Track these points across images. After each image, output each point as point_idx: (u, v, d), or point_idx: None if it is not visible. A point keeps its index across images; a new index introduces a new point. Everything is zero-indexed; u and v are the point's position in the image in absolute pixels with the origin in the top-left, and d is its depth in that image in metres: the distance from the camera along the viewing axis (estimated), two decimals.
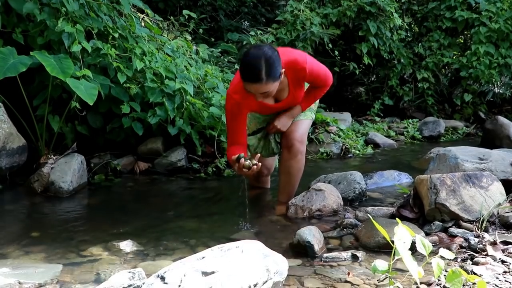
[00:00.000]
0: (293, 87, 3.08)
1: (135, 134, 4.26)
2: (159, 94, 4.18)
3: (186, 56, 4.97)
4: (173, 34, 5.84)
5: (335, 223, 2.92)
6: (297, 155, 3.25)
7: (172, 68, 4.37)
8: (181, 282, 1.55)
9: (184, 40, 5.41)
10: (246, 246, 1.72)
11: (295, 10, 7.00)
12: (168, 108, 4.15)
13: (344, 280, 2.12)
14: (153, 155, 4.38)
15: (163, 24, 5.84)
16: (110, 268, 2.28)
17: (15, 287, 2.05)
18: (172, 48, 4.88)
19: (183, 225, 2.97)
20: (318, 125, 5.53)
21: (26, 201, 3.47)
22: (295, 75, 2.99)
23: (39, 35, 3.90)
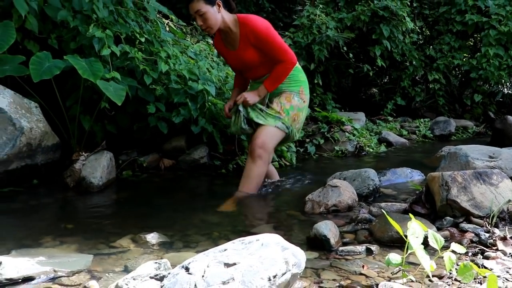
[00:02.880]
0: (242, 42, 3.35)
1: (160, 133, 4.28)
2: (183, 95, 4.20)
3: (208, 59, 4.98)
4: (196, 38, 5.86)
5: (350, 218, 2.90)
6: (256, 160, 3.34)
7: (195, 70, 4.38)
8: (205, 273, 1.55)
9: (206, 44, 5.42)
10: (266, 239, 1.72)
11: (311, 15, 6.97)
12: (191, 108, 4.17)
13: (359, 272, 2.11)
14: (177, 153, 4.40)
15: (186, 29, 5.86)
16: (137, 259, 2.29)
17: (50, 275, 2.08)
18: (195, 51, 4.89)
19: (206, 219, 2.98)
20: (334, 124, 5.51)
21: (60, 195, 3.51)
22: (243, 30, 3.31)
23: (72, 40, 3.94)
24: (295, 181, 3.97)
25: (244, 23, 3.30)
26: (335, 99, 7.28)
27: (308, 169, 4.56)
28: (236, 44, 3.40)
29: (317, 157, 5.11)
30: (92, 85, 3.78)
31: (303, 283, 1.96)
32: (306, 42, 6.84)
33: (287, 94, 3.49)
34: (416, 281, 1.93)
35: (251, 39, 3.30)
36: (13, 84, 3.75)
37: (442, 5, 7.87)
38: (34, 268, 2.08)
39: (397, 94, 7.71)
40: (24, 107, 3.56)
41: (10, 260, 2.09)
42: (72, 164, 3.67)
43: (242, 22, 3.31)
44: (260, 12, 9.26)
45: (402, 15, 7.00)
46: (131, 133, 4.38)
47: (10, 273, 2.01)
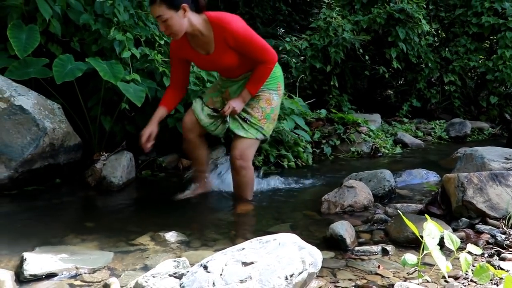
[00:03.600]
0: (218, 45, 2.97)
1: (179, 133, 4.28)
2: None
3: None
4: None
5: (366, 218, 2.89)
6: (240, 171, 3.20)
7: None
8: (223, 271, 1.56)
9: None
10: (283, 238, 1.72)
11: (328, 17, 6.95)
12: None
13: (375, 272, 2.10)
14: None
15: None
16: (156, 257, 2.30)
17: (72, 271, 2.10)
18: None
19: (223, 218, 2.99)
20: (350, 125, 5.48)
21: (81, 193, 3.54)
22: (219, 33, 2.92)
23: (94, 43, 3.98)
24: (311, 182, 3.96)
25: (220, 26, 2.91)
26: (351, 101, 7.25)
27: (324, 170, 4.54)
28: (211, 47, 3.01)
29: (333, 158, 5.09)
30: (113, 86, 3.81)
31: (319, 283, 1.96)
32: (322, 44, 6.82)
33: (266, 96, 3.21)
34: (431, 281, 1.92)
35: (230, 43, 2.93)
36: (37, 86, 3.80)
37: (458, 7, 7.78)
38: (57, 265, 2.11)
39: (413, 96, 7.64)
40: (48, 108, 3.60)
41: (34, 256, 2.12)
42: (93, 164, 3.70)
43: (217, 24, 2.92)
44: (277, 15, 9.27)
45: (418, 18, 6.94)
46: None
47: (34, 269, 2.04)
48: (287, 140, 4.56)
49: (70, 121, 3.78)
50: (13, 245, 2.40)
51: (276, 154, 4.45)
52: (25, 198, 3.37)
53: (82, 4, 4.02)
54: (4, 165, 3.35)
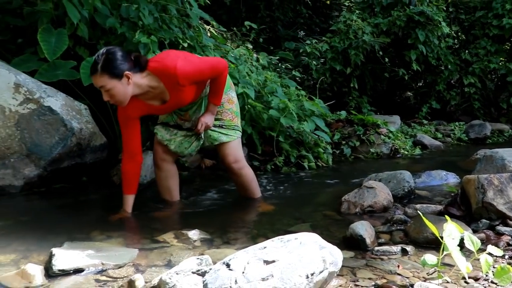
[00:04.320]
0: (173, 91, 2.82)
1: None
2: None
3: (247, 63, 5.00)
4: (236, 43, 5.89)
5: (386, 218, 2.86)
6: (240, 173, 3.23)
7: (235, 74, 4.41)
8: (245, 269, 1.56)
9: (245, 49, 5.44)
10: (304, 237, 1.71)
11: (348, 20, 6.92)
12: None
13: (395, 272, 2.08)
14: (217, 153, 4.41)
15: (227, 34, 5.90)
16: (179, 254, 2.31)
17: (98, 267, 2.13)
18: (235, 56, 4.91)
19: (245, 217, 3.00)
20: (369, 127, 5.45)
21: (107, 192, 3.58)
22: (169, 81, 2.77)
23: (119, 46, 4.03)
24: (331, 182, 3.95)
25: (166, 75, 2.76)
26: (370, 102, 7.21)
27: (344, 171, 4.53)
28: (165, 96, 2.87)
29: (353, 159, 5.06)
30: None
31: (340, 281, 1.95)
32: (342, 46, 6.80)
33: (226, 98, 3.15)
34: (451, 282, 1.89)
35: (184, 83, 2.78)
36: (65, 88, 3.85)
37: (479, 10, 7.68)
38: (84, 261, 2.14)
39: (432, 98, 7.57)
40: (75, 109, 3.65)
41: (62, 252, 2.15)
42: (118, 163, 3.73)
43: (162, 74, 2.76)
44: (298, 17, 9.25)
45: (437, 20, 6.87)
46: None
47: (62, 264, 2.07)
48: (308, 141, 4.55)
49: (96, 121, 3.82)
50: (42, 241, 2.44)
51: (297, 154, 4.44)
52: (53, 196, 3.42)
53: (108, 8, 4.07)
54: (33, 164, 3.41)
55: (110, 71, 2.65)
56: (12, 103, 3.40)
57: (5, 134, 3.37)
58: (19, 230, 2.68)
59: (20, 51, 4.02)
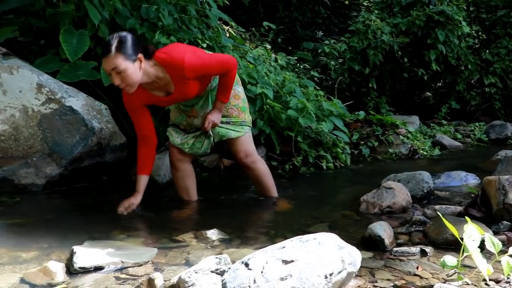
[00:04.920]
0: (178, 83, 2.81)
1: None
2: None
3: (266, 64, 5.00)
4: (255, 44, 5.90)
5: (404, 219, 2.83)
6: (254, 167, 3.22)
7: (254, 74, 4.41)
8: (264, 269, 1.56)
9: (264, 49, 5.44)
10: (323, 238, 1.71)
11: (367, 20, 6.88)
12: (250, 110, 4.20)
13: (413, 273, 2.06)
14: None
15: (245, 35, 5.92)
16: (198, 253, 2.32)
17: (118, 265, 2.15)
18: (253, 56, 4.92)
19: (263, 217, 3.00)
20: (388, 127, 5.41)
21: (126, 191, 3.57)
22: (175, 73, 2.76)
23: None
24: (350, 182, 3.93)
25: (173, 67, 2.75)
26: (389, 103, 7.15)
27: (362, 171, 4.50)
28: (170, 88, 2.86)
29: (371, 159, 5.03)
30: None
31: (358, 282, 1.94)
32: (361, 47, 6.76)
33: (232, 94, 3.10)
34: (472, 284, 1.87)
35: (190, 77, 2.77)
36: (86, 88, 3.89)
37: (500, 8, 7.57)
38: (104, 259, 2.16)
39: (452, 98, 7.48)
40: (95, 109, 3.69)
41: (83, 250, 2.17)
42: None
43: (170, 66, 2.75)
44: (316, 18, 9.22)
45: (458, 20, 6.79)
46: None
47: (83, 262, 2.09)
48: (326, 141, 4.54)
49: (116, 121, 3.85)
50: (63, 239, 2.47)
51: (315, 155, 4.43)
52: (74, 195, 3.46)
53: (128, 9, 4.11)
54: (55, 163, 3.45)
55: (124, 52, 2.62)
56: (35, 103, 3.45)
57: (28, 134, 3.42)
58: (41, 228, 2.71)
59: (42, 52, 4.08)
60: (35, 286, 1.96)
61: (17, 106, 3.42)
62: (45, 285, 1.96)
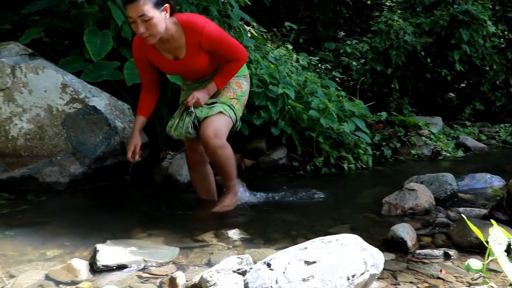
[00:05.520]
0: (190, 49, 2.77)
1: (241, 134, 4.33)
2: (264, 98, 4.25)
3: (287, 64, 5.00)
4: (276, 44, 5.90)
5: (427, 221, 2.81)
6: (215, 152, 2.89)
7: (275, 74, 4.41)
8: (286, 269, 1.56)
9: (285, 49, 5.44)
10: (345, 239, 1.70)
11: (389, 20, 6.81)
12: (272, 111, 4.21)
13: (437, 276, 2.04)
14: (257, 153, 4.45)
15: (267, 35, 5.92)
16: (219, 253, 2.33)
17: (140, 264, 2.17)
18: (275, 56, 4.92)
19: (284, 218, 2.99)
20: (410, 128, 5.36)
21: (148, 190, 3.63)
22: (192, 37, 2.73)
23: None
24: (372, 184, 3.90)
25: (193, 30, 2.73)
26: (411, 103, 7.07)
27: (384, 172, 4.47)
28: (181, 52, 2.82)
29: (393, 161, 4.99)
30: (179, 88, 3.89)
31: (380, 284, 1.93)
32: (383, 47, 6.70)
33: (235, 81, 3.03)
34: None
35: (204, 46, 2.75)
36: (109, 88, 3.94)
37: None
38: (127, 257, 2.18)
39: (476, 99, 7.36)
40: (118, 108, 3.72)
41: (106, 248, 2.19)
42: (160, 162, 3.80)
43: (190, 28, 2.73)
44: (338, 18, 9.18)
45: (483, 19, 6.68)
46: None
47: (106, 260, 2.12)
48: (348, 142, 4.51)
49: None
50: (86, 237, 2.50)
51: (337, 155, 4.41)
52: (97, 193, 3.50)
53: None
54: (79, 162, 3.50)
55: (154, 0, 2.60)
56: (59, 103, 3.50)
57: (52, 133, 3.47)
58: (65, 226, 2.75)
59: (66, 52, 4.14)
60: (59, 283, 1.99)
61: (42, 106, 3.48)
62: (69, 282, 1.99)
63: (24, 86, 3.46)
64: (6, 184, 3.37)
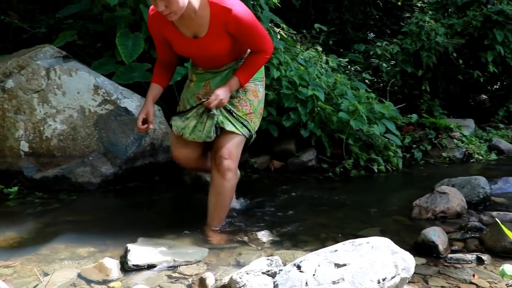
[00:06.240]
0: (213, 28, 2.47)
1: (271, 136, 4.34)
2: (293, 100, 4.24)
3: (317, 66, 4.97)
4: (306, 46, 5.87)
5: (459, 225, 2.76)
6: (226, 174, 2.66)
7: (305, 76, 4.40)
8: (316, 272, 1.55)
9: (315, 51, 5.41)
10: (376, 242, 1.68)
11: (420, 21, 6.71)
12: (301, 112, 4.19)
13: (469, 281, 2.00)
14: (286, 155, 4.44)
15: (296, 37, 5.89)
16: (248, 254, 2.34)
17: (170, 263, 2.19)
18: (304, 58, 4.91)
19: (314, 220, 2.97)
20: (441, 130, 5.27)
21: (178, 191, 3.66)
22: (218, 15, 2.43)
23: None
24: (401, 186, 3.85)
25: (221, 7, 2.41)
26: (442, 106, 6.95)
27: (415, 175, 4.40)
28: (202, 30, 2.49)
29: (424, 163, 4.91)
30: None
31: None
32: (414, 48, 6.61)
33: (252, 88, 2.73)
34: None
35: (230, 27, 2.45)
36: (140, 89, 3.98)
37: None
38: (157, 257, 2.20)
39: (510, 101, 7.19)
40: None
41: (137, 248, 2.22)
42: None
43: (218, 5, 2.42)
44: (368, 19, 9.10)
45: None
46: None
47: (137, 260, 2.14)
48: (377, 144, 4.46)
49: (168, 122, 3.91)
50: (117, 237, 2.54)
51: (366, 158, 4.36)
52: (128, 193, 3.54)
53: None
54: (110, 162, 3.55)
55: None
56: (92, 104, 3.56)
57: (85, 134, 3.53)
58: (97, 225, 2.80)
59: (99, 54, 4.21)
60: (91, 281, 2.03)
61: (75, 107, 3.54)
62: (100, 281, 2.03)
63: (58, 88, 3.53)
64: (40, 183, 3.45)
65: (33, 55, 3.58)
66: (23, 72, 3.51)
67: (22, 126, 3.47)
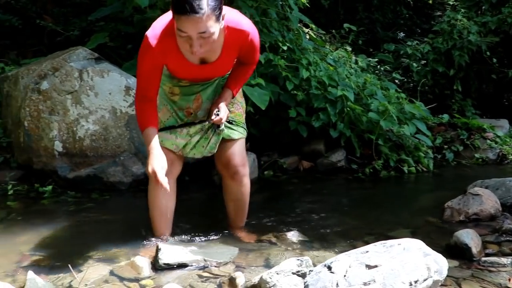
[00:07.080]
0: (226, 51, 2.29)
1: (300, 136, 4.33)
2: (323, 100, 4.23)
3: (346, 66, 4.95)
4: (335, 46, 5.85)
5: (493, 228, 2.70)
6: (242, 181, 2.60)
7: (334, 76, 4.38)
8: (346, 273, 1.54)
9: (344, 51, 5.39)
10: (408, 243, 1.67)
11: (452, 20, 6.61)
12: (331, 113, 4.18)
13: (505, 286, 1.96)
14: (315, 155, 4.43)
15: (325, 37, 5.88)
16: (278, 255, 2.33)
17: (200, 263, 2.21)
18: (334, 58, 4.89)
19: (343, 221, 2.96)
20: (474, 131, 5.18)
21: (207, 191, 3.69)
22: (234, 37, 2.25)
23: None
24: (432, 188, 3.80)
25: (238, 32, 2.26)
26: (475, 106, 6.83)
27: (446, 176, 4.34)
28: (215, 56, 2.30)
29: (455, 164, 4.84)
30: None
31: None
32: (445, 47, 6.50)
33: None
34: None
35: (244, 49, 2.34)
36: None
37: None
38: (187, 256, 2.22)
39: None
40: None
41: (167, 247, 2.25)
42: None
43: (235, 30, 2.25)
44: (398, 18, 8.99)
45: None
46: (272, 136, 4.47)
47: (167, 259, 2.17)
48: (408, 144, 4.42)
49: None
50: (148, 236, 2.56)
51: (396, 158, 4.32)
52: None
53: None
54: (141, 162, 3.60)
55: (217, 12, 2.06)
56: (123, 105, 3.62)
57: (116, 134, 3.59)
58: (128, 224, 2.85)
59: (130, 56, 4.27)
60: (123, 279, 2.06)
61: (107, 108, 3.60)
62: (132, 278, 2.06)
63: (91, 89, 3.60)
64: (73, 182, 3.52)
65: (66, 57, 3.66)
66: (57, 74, 3.58)
67: (56, 127, 3.54)
